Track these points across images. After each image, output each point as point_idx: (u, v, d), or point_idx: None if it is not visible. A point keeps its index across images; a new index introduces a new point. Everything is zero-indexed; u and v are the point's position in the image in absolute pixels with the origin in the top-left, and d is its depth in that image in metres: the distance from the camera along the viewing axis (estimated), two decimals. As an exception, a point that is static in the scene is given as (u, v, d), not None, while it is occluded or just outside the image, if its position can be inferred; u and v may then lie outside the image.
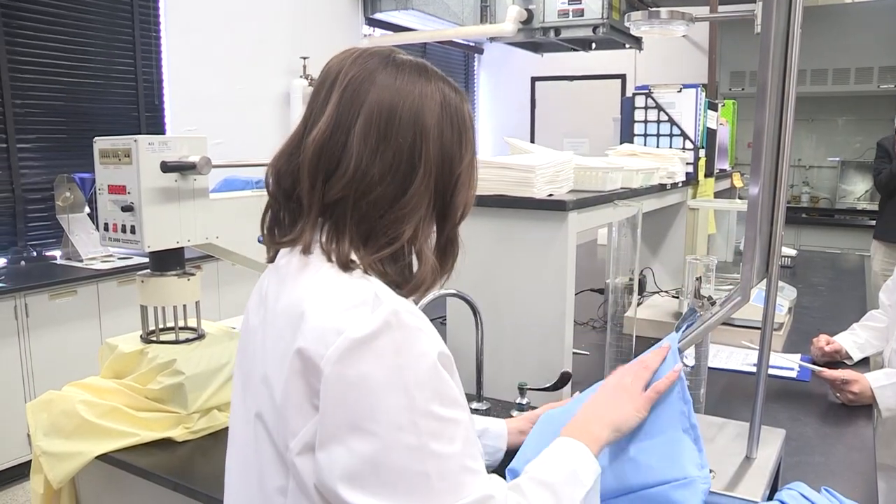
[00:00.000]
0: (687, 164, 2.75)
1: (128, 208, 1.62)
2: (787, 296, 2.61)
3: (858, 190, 6.65)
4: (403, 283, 0.96)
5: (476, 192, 1.04)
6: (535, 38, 4.90)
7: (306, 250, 0.93)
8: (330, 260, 0.92)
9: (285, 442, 0.88)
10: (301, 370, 0.85)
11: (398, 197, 0.92)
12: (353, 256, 0.92)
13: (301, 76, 5.65)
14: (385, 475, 0.82)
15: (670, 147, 2.79)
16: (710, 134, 3.00)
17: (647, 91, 2.80)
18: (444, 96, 0.96)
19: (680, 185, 2.72)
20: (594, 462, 1.01)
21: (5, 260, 3.99)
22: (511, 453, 1.26)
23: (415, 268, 0.99)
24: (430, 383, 0.85)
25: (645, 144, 2.81)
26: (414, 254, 0.96)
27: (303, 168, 0.92)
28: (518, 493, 0.93)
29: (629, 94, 2.94)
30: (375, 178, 0.91)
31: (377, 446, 0.81)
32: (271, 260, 1.02)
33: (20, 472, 3.54)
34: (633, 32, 3.75)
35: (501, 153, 2.19)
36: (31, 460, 1.66)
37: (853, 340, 2.14)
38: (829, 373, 1.88)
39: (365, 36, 6.43)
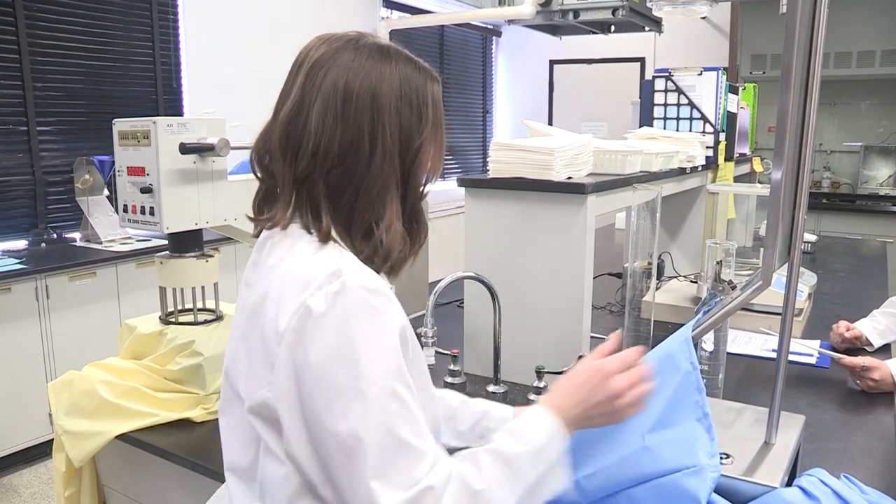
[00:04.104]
0: (707, 147, 2.73)
1: (147, 190, 1.63)
2: (806, 281, 2.58)
3: (881, 175, 6.55)
4: (377, 257, 1.00)
5: (496, 176, 1.06)
6: (553, 20, 4.84)
7: (282, 225, 1.00)
8: (309, 232, 0.98)
9: (248, 401, 0.96)
10: (261, 341, 0.93)
11: (363, 174, 0.97)
12: (333, 231, 0.98)
13: (318, 59, 5.64)
14: (318, 443, 0.88)
15: (690, 130, 2.76)
16: (731, 118, 2.97)
17: (667, 74, 2.77)
18: (404, 77, 1.00)
19: (699, 168, 2.69)
20: (564, 441, 0.99)
21: (26, 242, 4.03)
22: None
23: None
24: (380, 355, 0.88)
25: (664, 128, 2.78)
26: (383, 228, 1.00)
27: (274, 147, 1.00)
28: (473, 463, 0.92)
29: (648, 77, 2.91)
30: (336, 156, 0.96)
31: (319, 415, 0.87)
32: (256, 236, 1.08)
33: (43, 451, 3.60)
34: (654, 13, 3.71)
35: (520, 136, 2.18)
36: (52, 439, 1.68)
37: (873, 327, 2.12)
38: (848, 360, 1.86)
39: (383, 18, 6.41)
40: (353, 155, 0.96)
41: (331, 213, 0.98)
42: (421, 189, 1.06)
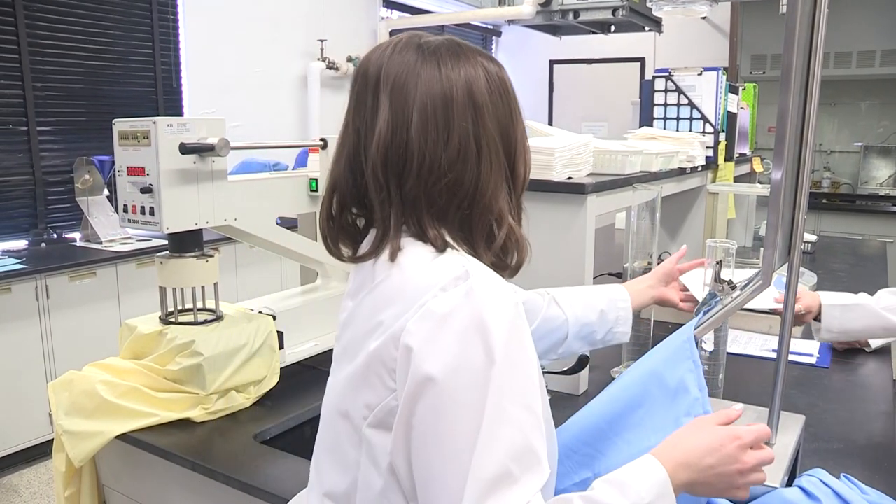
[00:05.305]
0: (707, 147, 2.72)
1: (146, 190, 1.63)
2: (806, 281, 2.58)
3: (881, 175, 6.55)
4: (508, 261, 0.98)
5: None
6: (553, 20, 4.85)
7: (393, 256, 0.92)
8: (423, 241, 0.92)
9: (360, 415, 0.90)
10: (383, 346, 0.86)
11: (475, 178, 0.92)
12: (450, 239, 0.93)
13: (318, 59, 5.64)
14: (417, 454, 0.83)
15: (690, 130, 2.76)
16: (731, 118, 2.96)
17: (667, 74, 2.77)
18: (486, 70, 0.95)
19: (699, 168, 2.69)
20: (671, 501, 0.90)
21: (26, 242, 4.04)
22: None
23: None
24: (513, 370, 0.82)
25: (664, 128, 2.78)
26: (504, 231, 0.96)
27: (372, 176, 0.92)
28: None
29: (648, 77, 2.91)
30: (444, 167, 0.90)
31: (432, 433, 0.81)
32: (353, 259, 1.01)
33: (43, 451, 3.60)
34: (654, 12, 3.72)
35: (519, 136, 2.17)
36: (52, 439, 1.68)
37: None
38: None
39: (382, 18, 6.40)
40: (461, 161, 0.91)
41: (444, 226, 0.93)
42: (523, 183, 1.02)
